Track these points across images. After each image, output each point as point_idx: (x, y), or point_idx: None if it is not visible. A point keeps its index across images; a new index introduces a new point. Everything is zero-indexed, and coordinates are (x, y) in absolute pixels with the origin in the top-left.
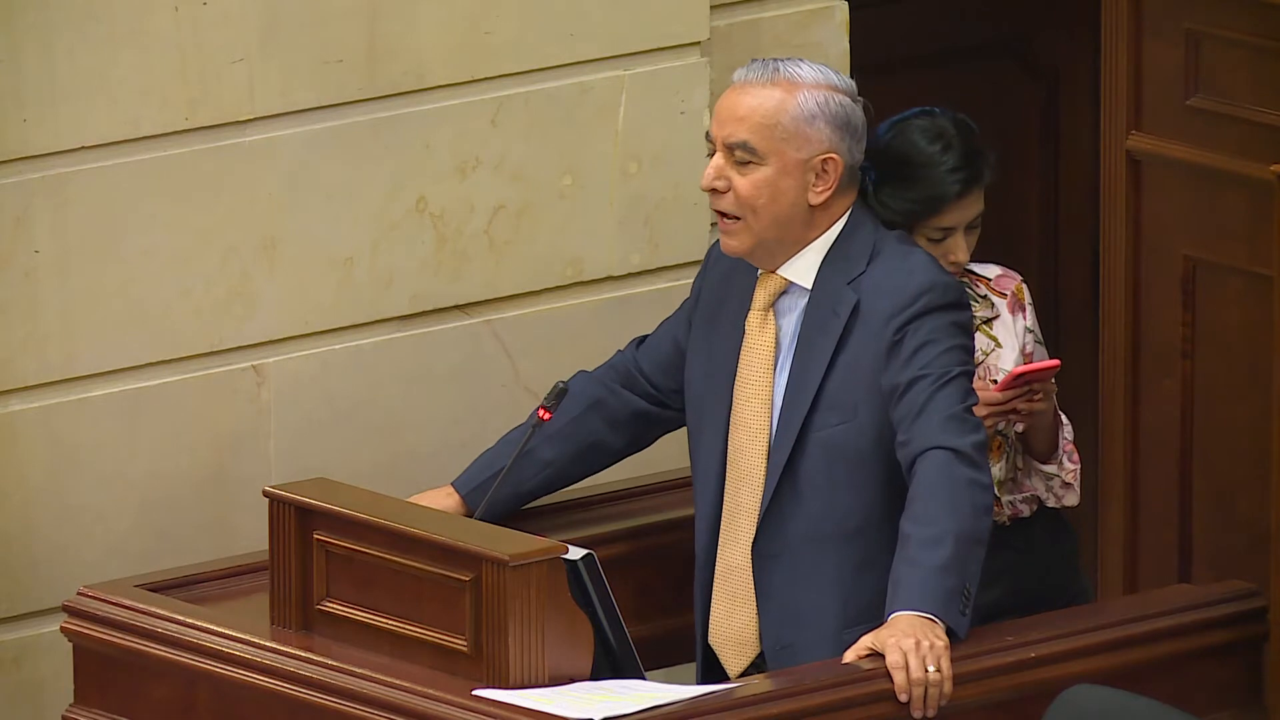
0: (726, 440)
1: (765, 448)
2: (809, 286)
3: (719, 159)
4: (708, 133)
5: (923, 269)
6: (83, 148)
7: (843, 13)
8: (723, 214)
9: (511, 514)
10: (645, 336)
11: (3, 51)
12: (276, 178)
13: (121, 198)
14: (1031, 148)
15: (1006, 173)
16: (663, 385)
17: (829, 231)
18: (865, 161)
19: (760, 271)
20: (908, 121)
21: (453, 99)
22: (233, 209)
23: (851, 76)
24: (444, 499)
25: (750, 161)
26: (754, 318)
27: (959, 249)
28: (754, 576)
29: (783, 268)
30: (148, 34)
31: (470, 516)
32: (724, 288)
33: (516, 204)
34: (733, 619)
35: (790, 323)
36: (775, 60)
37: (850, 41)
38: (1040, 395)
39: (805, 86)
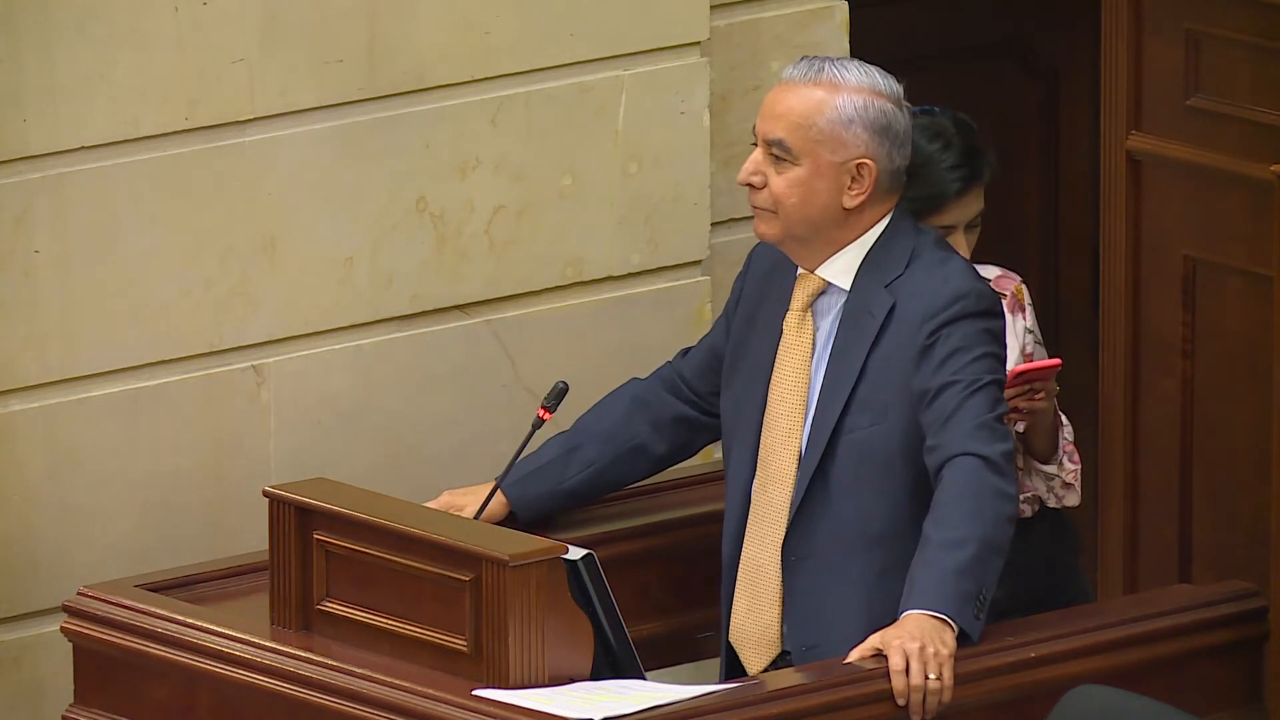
0: (759, 439)
1: (797, 448)
2: (847, 288)
3: (758, 154)
4: (754, 126)
5: (959, 275)
6: (82, 148)
7: (843, 13)
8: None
9: (556, 512)
10: (690, 347)
11: (3, 51)
12: (276, 178)
13: (121, 198)
14: (1031, 148)
15: (1006, 173)
16: (703, 390)
17: (868, 234)
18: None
19: (799, 271)
20: None
21: (453, 99)
22: (233, 209)
23: None
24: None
25: (785, 159)
26: (792, 318)
27: (959, 248)
28: (782, 577)
29: (820, 268)
30: (147, 34)
31: (511, 512)
32: (764, 288)
33: (516, 204)
34: (754, 618)
35: (827, 324)
36: (824, 60)
37: (850, 41)
38: (1042, 394)
39: (846, 90)
